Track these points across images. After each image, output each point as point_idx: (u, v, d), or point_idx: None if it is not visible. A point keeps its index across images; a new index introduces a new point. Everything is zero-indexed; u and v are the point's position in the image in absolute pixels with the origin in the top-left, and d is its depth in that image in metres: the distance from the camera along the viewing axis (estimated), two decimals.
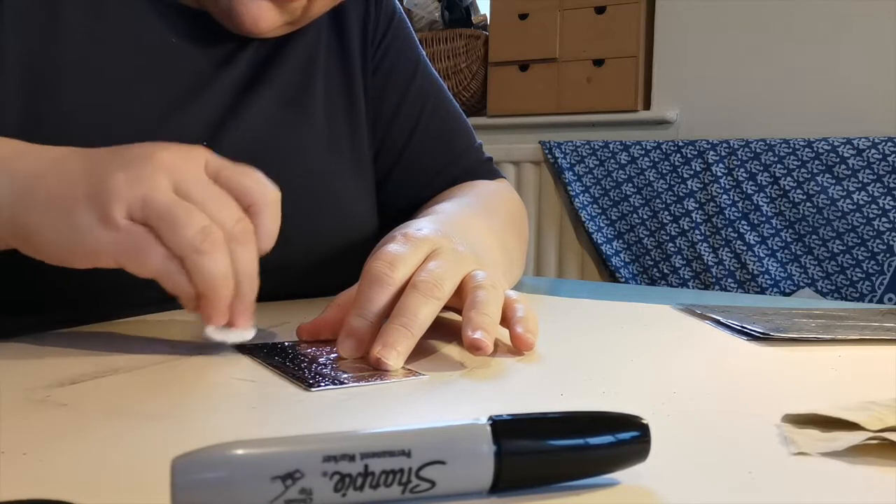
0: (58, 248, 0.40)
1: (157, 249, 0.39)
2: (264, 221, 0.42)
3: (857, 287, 1.73)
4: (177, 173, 0.40)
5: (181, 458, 0.22)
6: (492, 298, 0.43)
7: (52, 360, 0.41)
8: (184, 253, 0.39)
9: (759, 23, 1.90)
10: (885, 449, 0.29)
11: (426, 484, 0.23)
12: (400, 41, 0.73)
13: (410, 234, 0.46)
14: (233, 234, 0.40)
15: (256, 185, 0.43)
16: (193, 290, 0.40)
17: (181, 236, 0.39)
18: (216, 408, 0.34)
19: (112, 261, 0.40)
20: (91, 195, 0.39)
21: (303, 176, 0.64)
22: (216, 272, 0.39)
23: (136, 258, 0.39)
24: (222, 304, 0.40)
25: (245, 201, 0.42)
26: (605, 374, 0.40)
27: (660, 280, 1.98)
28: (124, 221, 0.39)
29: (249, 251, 0.41)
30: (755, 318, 0.53)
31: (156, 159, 0.40)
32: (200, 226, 0.39)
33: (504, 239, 0.63)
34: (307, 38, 0.66)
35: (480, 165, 0.76)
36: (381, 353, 0.39)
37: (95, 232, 0.39)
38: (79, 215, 0.39)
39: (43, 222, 0.40)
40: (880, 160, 1.70)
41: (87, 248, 0.39)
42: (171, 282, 0.40)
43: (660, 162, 1.96)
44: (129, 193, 0.39)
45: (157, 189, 0.39)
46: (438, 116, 0.74)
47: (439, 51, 2.27)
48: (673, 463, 0.28)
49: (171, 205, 0.39)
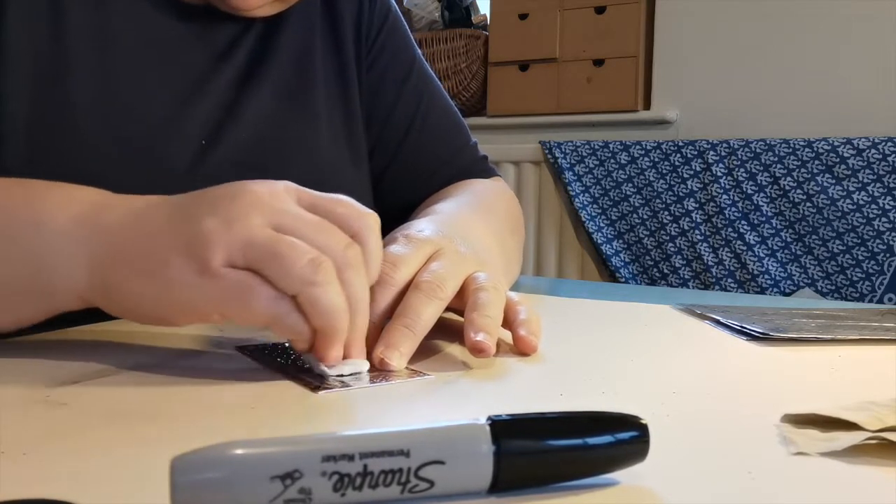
0: (156, 309, 0.38)
1: (265, 291, 0.36)
2: (370, 248, 0.39)
3: (857, 287, 1.73)
4: (270, 209, 0.37)
5: (181, 458, 0.22)
6: (494, 300, 0.43)
7: (52, 360, 0.41)
8: (296, 289, 0.36)
9: (760, 23, 1.90)
10: (884, 449, 0.29)
11: (425, 484, 0.23)
12: (395, 40, 0.73)
13: (412, 236, 0.46)
14: (344, 260, 0.37)
15: (356, 212, 0.40)
16: (308, 328, 0.37)
17: (291, 272, 0.36)
18: (216, 408, 0.34)
19: (217, 313, 0.37)
20: (184, 246, 0.36)
21: (307, 169, 0.64)
22: (334, 304, 0.36)
23: (244, 305, 0.36)
24: (340, 338, 0.37)
25: (347, 230, 0.39)
26: (605, 374, 0.40)
27: (660, 280, 1.98)
28: (224, 269, 0.36)
29: (362, 276, 0.38)
30: (755, 318, 0.53)
31: (245, 197, 0.37)
32: (308, 258, 0.36)
33: (502, 238, 0.63)
34: (301, 32, 0.67)
35: (476, 164, 0.76)
36: (384, 354, 0.39)
37: (195, 285, 0.36)
38: (174, 270, 0.36)
39: (132, 281, 0.38)
40: (880, 160, 1.70)
41: (187, 304, 0.37)
42: (284, 324, 0.37)
43: (660, 162, 1.96)
44: (226, 238, 0.36)
45: (254, 228, 0.36)
46: (434, 115, 0.74)
47: (439, 51, 2.26)
48: (672, 463, 0.28)
49: (273, 242, 0.36)
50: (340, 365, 0.38)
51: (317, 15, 0.68)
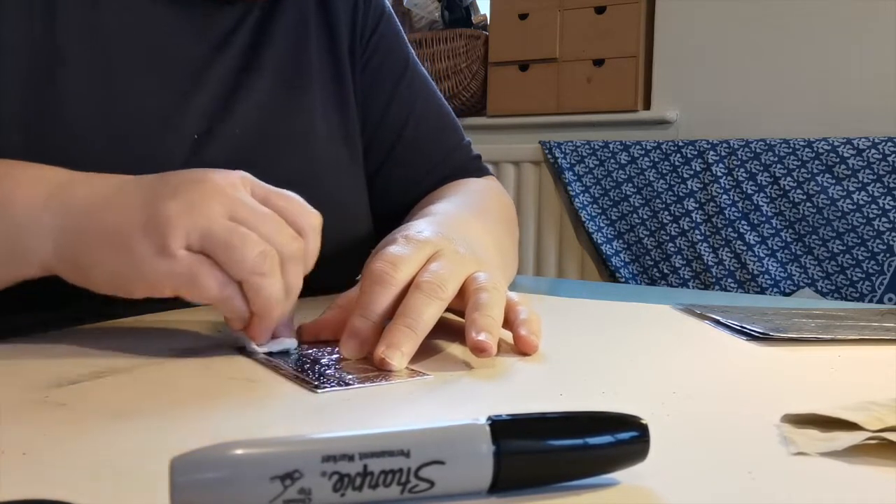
0: (115, 280, 0.41)
1: (215, 275, 0.40)
2: (310, 244, 0.43)
3: (857, 287, 1.73)
4: (229, 199, 0.41)
5: (180, 458, 0.22)
6: (495, 301, 0.43)
7: (51, 360, 0.41)
8: (244, 277, 0.40)
9: (760, 23, 1.90)
10: (884, 449, 0.29)
11: (425, 484, 0.23)
12: (389, 39, 0.73)
13: (412, 236, 0.46)
14: (289, 253, 0.41)
15: (302, 210, 0.44)
16: (248, 311, 0.41)
17: (241, 262, 0.40)
18: (216, 408, 0.34)
19: (170, 290, 0.40)
20: (147, 227, 0.40)
21: (302, 164, 0.64)
22: (274, 293, 0.41)
23: (196, 286, 0.40)
24: (274, 322, 0.42)
25: (293, 225, 0.43)
26: (605, 374, 0.40)
27: (660, 280, 1.98)
28: (182, 252, 0.39)
29: (300, 269, 0.43)
30: (755, 318, 0.53)
31: (206, 185, 0.41)
32: (259, 250, 0.40)
33: (499, 238, 0.63)
34: (296, 26, 0.67)
35: (469, 163, 0.77)
36: (385, 354, 0.39)
37: (154, 263, 0.39)
38: (136, 247, 0.40)
39: (100, 255, 0.41)
40: (880, 160, 1.70)
41: (145, 279, 0.40)
42: (228, 305, 0.41)
43: (660, 162, 1.96)
44: (186, 223, 0.39)
45: (212, 216, 0.40)
46: (429, 115, 0.75)
47: (439, 51, 2.26)
48: (672, 463, 0.28)
49: (229, 232, 0.40)
50: (270, 343, 0.43)
51: (311, 11, 0.68)
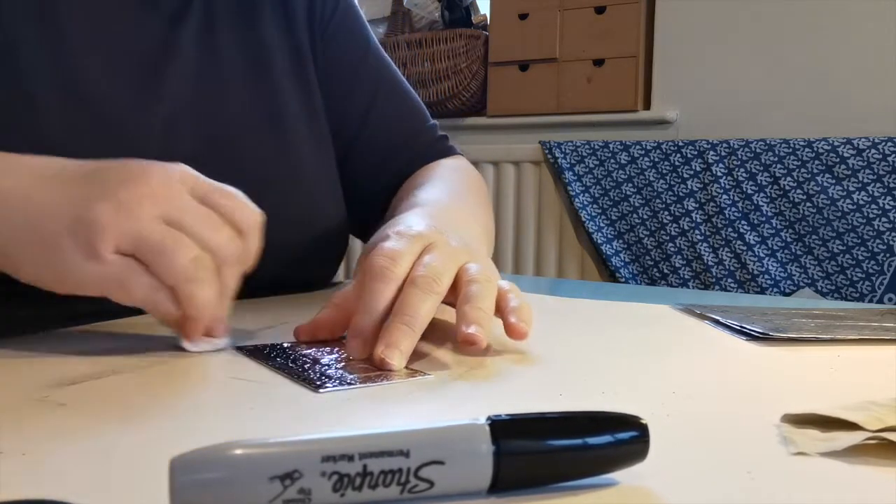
0: (41, 278, 0.40)
1: (144, 280, 0.39)
2: (249, 243, 0.43)
3: (857, 287, 1.73)
4: (163, 200, 0.40)
5: (180, 458, 0.22)
6: (486, 292, 0.43)
7: (51, 360, 0.41)
8: (176, 283, 0.39)
9: (760, 23, 1.90)
10: (884, 449, 0.29)
11: (425, 484, 0.23)
12: (349, 22, 0.74)
13: (403, 231, 0.46)
14: (225, 255, 0.41)
15: (242, 208, 0.43)
16: (179, 313, 0.40)
17: (173, 267, 0.39)
18: (216, 408, 0.34)
19: (97, 292, 0.40)
20: (76, 229, 0.38)
21: (279, 141, 0.64)
22: (207, 299, 0.40)
23: (124, 291, 0.39)
24: (205, 324, 0.41)
25: (233, 223, 0.42)
26: (605, 375, 0.40)
27: (660, 280, 1.98)
28: (112, 256, 0.38)
29: (236, 271, 0.42)
30: (755, 318, 0.53)
31: (140, 184, 0.40)
32: (192, 255, 0.39)
33: (484, 222, 0.64)
34: (239, 5, 0.66)
35: (437, 142, 0.77)
36: (384, 354, 0.39)
37: (83, 266, 0.38)
38: (64, 250, 0.38)
39: (26, 252, 0.40)
40: (880, 160, 1.70)
41: (72, 280, 0.39)
42: (158, 310, 0.40)
43: (660, 162, 1.96)
44: (116, 227, 0.38)
45: (145, 221, 0.39)
46: (394, 98, 0.75)
47: (439, 51, 2.26)
48: (672, 463, 0.28)
49: (160, 237, 0.39)
50: (202, 343, 0.42)
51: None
